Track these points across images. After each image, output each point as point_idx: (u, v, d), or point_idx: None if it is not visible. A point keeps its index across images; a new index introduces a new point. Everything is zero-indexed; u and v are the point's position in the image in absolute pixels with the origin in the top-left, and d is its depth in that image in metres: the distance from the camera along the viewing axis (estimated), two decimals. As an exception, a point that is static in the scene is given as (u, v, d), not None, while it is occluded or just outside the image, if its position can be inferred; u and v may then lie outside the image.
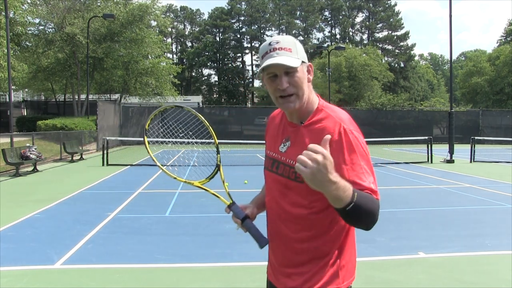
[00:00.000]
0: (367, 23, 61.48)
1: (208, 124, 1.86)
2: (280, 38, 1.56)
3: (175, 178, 1.93)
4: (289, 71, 1.52)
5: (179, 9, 67.01)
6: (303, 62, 1.55)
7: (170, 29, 51.93)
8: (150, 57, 31.03)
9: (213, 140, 1.83)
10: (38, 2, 28.33)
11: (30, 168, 13.92)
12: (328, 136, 1.36)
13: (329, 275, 1.56)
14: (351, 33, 63.05)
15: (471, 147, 17.69)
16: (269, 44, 1.55)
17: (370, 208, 1.39)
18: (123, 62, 29.20)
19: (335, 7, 61.10)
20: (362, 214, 1.38)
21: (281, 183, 1.62)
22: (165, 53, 40.94)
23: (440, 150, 21.90)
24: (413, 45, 60.57)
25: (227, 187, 1.71)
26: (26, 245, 5.47)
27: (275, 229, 1.66)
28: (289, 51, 1.53)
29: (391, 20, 59.79)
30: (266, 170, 1.74)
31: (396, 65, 58.39)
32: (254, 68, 64.80)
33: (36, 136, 16.77)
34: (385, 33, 61.13)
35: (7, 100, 21.69)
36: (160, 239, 5.78)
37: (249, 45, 63.75)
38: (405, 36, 59.74)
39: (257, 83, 60.33)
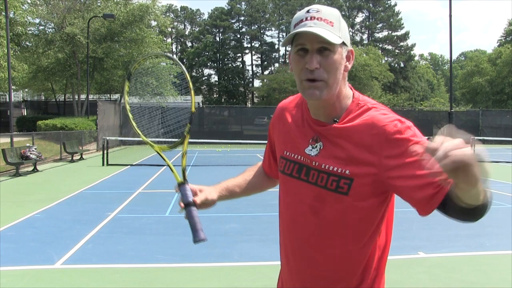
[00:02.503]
0: (367, 23, 61.47)
1: (189, 80, 1.55)
2: (323, 8, 1.23)
3: (139, 134, 1.70)
4: (325, 49, 1.20)
5: (179, 9, 67.04)
6: (344, 44, 1.24)
7: (170, 29, 51.92)
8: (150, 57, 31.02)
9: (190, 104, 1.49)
10: (38, 2, 28.34)
11: (30, 168, 13.92)
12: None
13: None
14: (351, 33, 63.02)
15: (471, 147, 17.67)
16: (307, 11, 1.23)
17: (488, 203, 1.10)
18: (123, 62, 29.20)
19: (335, 7, 60.96)
20: (488, 203, 1.09)
21: (313, 194, 1.29)
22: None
23: (440, 150, 21.86)
24: (413, 45, 60.59)
25: (185, 161, 1.46)
26: (26, 245, 5.47)
27: (298, 249, 1.35)
28: (331, 24, 1.20)
29: (391, 20, 59.77)
30: (287, 176, 1.38)
31: (396, 65, 58.35)
32: (254, 68, 64.86)
33: (36, 136, 16.78)
34: (385, 33, 61.11)
35: (7, 100, 21.69)
36: (160, 239, 5.79)
37: (249, 45, 63.74)
38: (405, 36, 59.71)
39: (257, 83, 60.34)
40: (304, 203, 1.31)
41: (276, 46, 63.81)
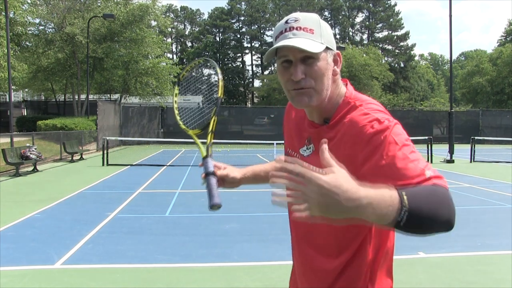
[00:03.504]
0: (367, 23, 61.47)
1: (221, 78, 1.71)
2: (301, 16, 1.21)
3: (180, 125, 1.82)
4: (308, 58, 1.18)
5: (179, 9, 67.07)
6: (328, 48, 1.21)
7: (170, 29, 51.92)
8: (150, 57, 31.04)
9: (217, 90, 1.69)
10: (38, 2, 28.33)
11: (30, 168, 13.92)
12: (324, 145, 1.00)
13: None
14: (351, 33, 63.04)
15: (471, 147, 17.70)
16: (286, 22, 1.21)
17: (435, 202, 0.99)
18: (123, 62, 29.20)
19: (335, 7, 61.09)
20: (427, 219, 0.98)
21: None
22: (165, 53, 40.96)
23: (440, 150, 21.90)
24: (413, 45, 60.55)
25: (211, 138, 1.57)
26: (26, 245, 5.47)
27: (302, 252, 1.36)
28: (311, 32, 1.19)
29: (391, 20, 59.77)
30: None
31: (396, 65, 58.36)
32: (254, 68, 64.86)
33: (36, 136, 16.78)
34: (385, 33, 61.12)
35: (7, 100, 21.69)
36: (160, 239, 5.79)
37: (249, 45, 63.76)
38: (405, 36, 59.71)
39: (257, 83, 60.36)
40: None
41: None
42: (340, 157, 1.11)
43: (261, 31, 62.98)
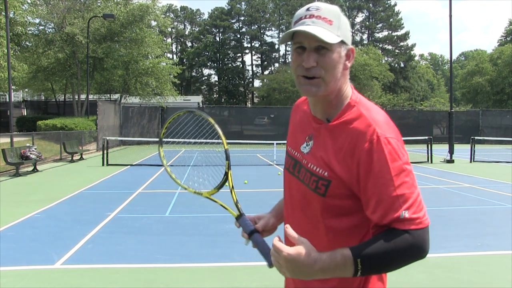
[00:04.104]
0: (367, 23, 61.47)
1: (218, 128, 1.54)
2: (323, 6, 1.23)
3: (185, 188, 1.70)
4: (322, 47, 1.19)
5: (179, 9, 67.04)
6: (343, 42, 1.24)
7: (170, 29, 51.91)
8: (150, 57, 31.04)
9: (221, 141, 1.53)
10: (38, 2, 28.32)
11: (30, 168, 13.92)
12: (287, 225, 1.18)
13: None
14: (351, 33, 63.04)
15: (471, 147, 17.69)
16: (307, 9, 1.23)
17: (393, 258, 1.11)
18: (123, 62, 29.20)
19: (335, 7, 61.07)
20: (385, 267, 1.14)
21: (301, 191, 1.32)
22: (165, 53, 40.95)
23: (440, 150, 21.90)
24: (413, 45, 60.54)
25: (235, 195, 1.47)
26: (26, 245, 5.48)
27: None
28: (329, 23, 1.20)
29: (391, 20, 59.76)
30: (286, 171, 1.43)
31: (396, 65, 58.36)
32: (254, 68, 64.86)
33: (36, 136, 16.78)
34: (385, 33, 61.11)
35: (7, 100, 21.67)
36: (160, 239, 5.79)
37: (249, 45, 63.74)
38: (405, 36, 59.70)
39: (257, 83, 60.35)
40: (296, 200, 1.35)
41: (276, 46, 63.74)
42: (339, 163, 1.20)
43: (261, 31, 62.97)
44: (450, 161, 17.24)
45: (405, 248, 1.11)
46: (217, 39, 63.06)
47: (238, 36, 63.23)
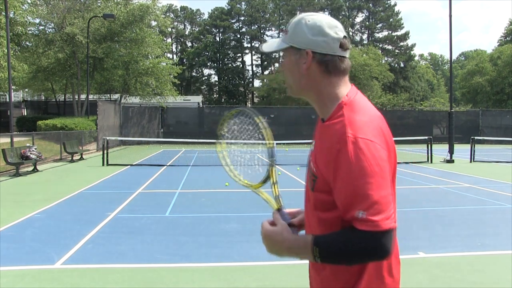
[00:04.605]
0: (367, 23, 61.47)
1: (265, 126, 1.57)
2: (292, 20, 1.37)
3: (239, 180, 1.69)
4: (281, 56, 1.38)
5: (179, 9, 67.03)
6: (293, 47, 1.34)
7: (170, 29, 51.92)
8: (150, 57, 31.04)
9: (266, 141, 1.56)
10: (38, 2, 28.34)
11: (30, 168, 13.92)
12: (274, 210, 1.36)
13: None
14: (351, 33, 63.00)
15: (471, 147, 17.70)
16: None
17: (345, 250, 1.19)
18: (123, 62, 29.20)
19: (335, 7, 61.08)
20: (339, 260, 1.23)
21: (306, 186, 1.43)
22: (165, 53, 40.94)
23: (440, 150, 21.90)
24: (413, 45, 60.54)
25: (277, 189, 1.51)
26: (26, 245, 5.48)
27: None
28: (285, 33, 1.37)
29: (391, 20, 59.76)
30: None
31: (396, 65, 58.36)
32: (254, 68, 64.86)
33: (36, 136, 16.78)
34: (385, 33, 61.12)
35: (7, 100, 21.69)
36: (160, 239, 5.78)
37: (249, 45, 63.74)
38: (405, 36, 59.70)
39: (257, 83, 60.36)
40: (305, 194, 1.45)
41: (276, 46, 63.63)
42: (323, 161, 1.29)
43: (261, 31, 62.98)
44: (450, 161, 17.24)
45: (357, 247, 1.18)
46: (217, 39, 63.06)
47: (238, 36, 63.23)
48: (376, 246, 1.17)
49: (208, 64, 62.93)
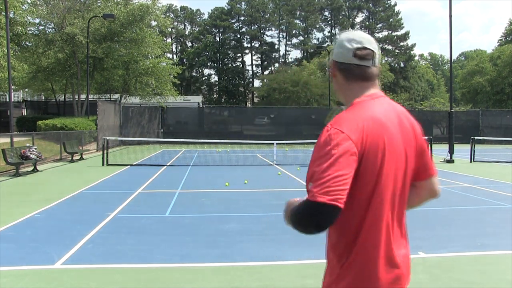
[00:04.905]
0: (367, 23, 61.47)
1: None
2: None
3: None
4: None
5: (179, 9, 67.04)
6: (334, 61, 1.63)
7: (170, 29, 51.90)
8: (150, 57, 31.03)
9: None
10: (38, 2, 28.30)
11: (30, 168, 13.92)
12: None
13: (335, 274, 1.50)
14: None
15: (471, 147, 17.70)
16: None
17: (293, 215, 1.39)
18: (123, 62, 29.18)
19: (335, 7, 61.10)
20: (292, 222, 1.41)
21: None
22: (165, 53, 40.93)
23: (440, 150, 21.90)
24: (413, 45, 60.59)
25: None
26: (26, 245, 5.47)
27: None
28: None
29: (391, 20, 59.78)
30: None
31: (396, 65, 58.37)
32: (254, 68, 64.88)
33: (36, 136, 16.77)
34: (385, 33, 61.13)
35: (7, 100, 21.67)
36: (160, 239, 5.78)
37: (249, 45, 63.77)
38: (405, 36, 59.73)
39: (257, 83, 60.35)
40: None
41: (276, 46, 63.79)
42: None
43: (261, 31, 62.98)
44: (450, 161, 17.24)
45: (299, 212, 1.35)
46: (217, 39, 63.08)
47: (238, 36, 63.24)
48: (309, 215, 1.31)
49: (208, 64, 62.96)
